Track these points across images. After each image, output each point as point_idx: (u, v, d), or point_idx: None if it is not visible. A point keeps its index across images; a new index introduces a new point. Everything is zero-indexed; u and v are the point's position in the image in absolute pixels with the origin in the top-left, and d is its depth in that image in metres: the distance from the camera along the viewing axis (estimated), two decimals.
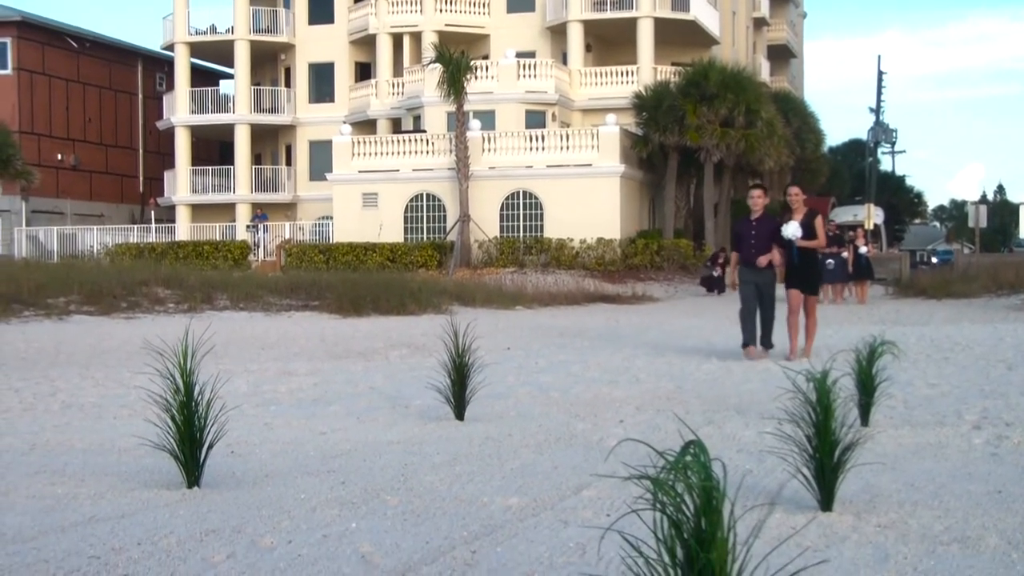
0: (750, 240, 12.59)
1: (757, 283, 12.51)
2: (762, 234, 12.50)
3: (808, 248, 12.50)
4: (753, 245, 12.52)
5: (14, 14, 49.17)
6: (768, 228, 12.53)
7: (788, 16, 68.78)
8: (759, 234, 12.52)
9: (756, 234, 12.55)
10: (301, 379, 11.06)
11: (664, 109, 38.61)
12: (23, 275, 21.39)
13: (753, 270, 12.51)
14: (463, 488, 5.59)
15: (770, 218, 12.80)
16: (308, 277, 25.20)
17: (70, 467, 6.30)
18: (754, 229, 12.61)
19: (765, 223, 12.61)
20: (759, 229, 12.57)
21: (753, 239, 12.54)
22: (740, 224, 13.02)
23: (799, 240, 12.32)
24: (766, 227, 12.56)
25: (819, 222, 12.59)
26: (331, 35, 48.95)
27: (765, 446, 6.27)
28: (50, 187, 47.92)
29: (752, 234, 12.59)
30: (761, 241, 12.47)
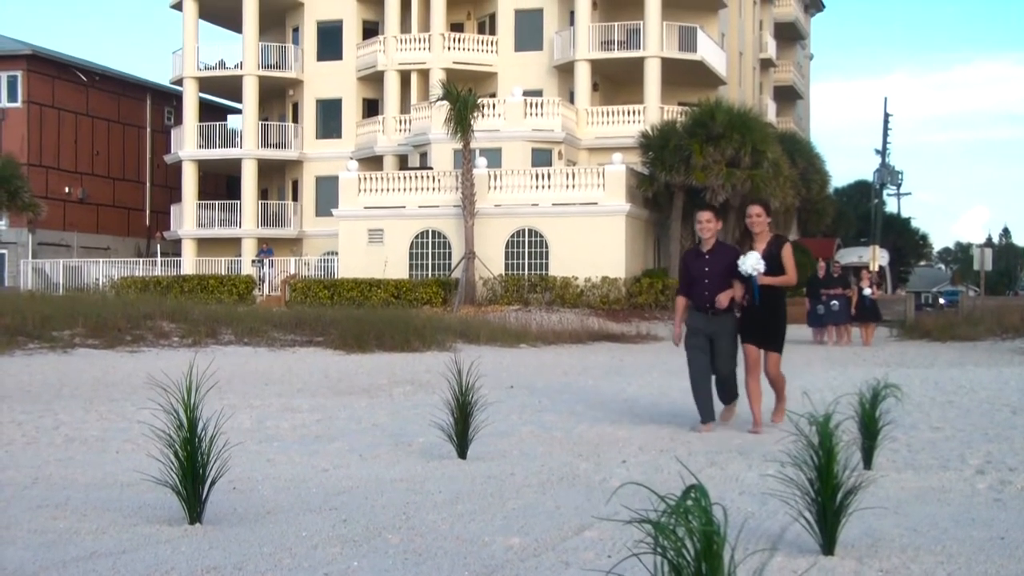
0: (702, 278, 9.93)
1: (711, 334, 9.89)
2: (717, 269, 9.85)
3: (772, 288, 9.74)
4: (707, 284, 9.87)
5: (24, 47, 49.57)
6: (724, 261, 9.84)
7: (795, 57, 69.14)
8: (713, 270, 9.87)
9: (709, 270, 9.89)
10: (304, 415, 11.06)
11: (670, 148, 38.74)
12: (28, 307, 21.42)
13: (707, 316, 9.88)
14: (465, 527, 5.58)
15: (726, 249, 10.06)
16: (312, 312, 25.22)
17: (72, 501, 6.30)
18: (707, 264, 9.94)
19: (720, 255, 9.91)
20: (713, 263, 9.90)
21: (706, 276, 9.89)
22: (688, 257, 10.24)
23: (761, 276, 9.56)
24: (721, 260, 9.87)
25: (787, 253, 9.77)
26: (339, 71, 49.26)
27: (767, 488, 6.26)
28: (57, 219, 48.13)
29: (705, 270, 9.92)
30: (716, 278, 9.82)
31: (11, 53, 49.27)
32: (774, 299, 9.83)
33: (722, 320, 9.91)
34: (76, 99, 51.05)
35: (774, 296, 9.82)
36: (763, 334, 9.89)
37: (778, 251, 9.75)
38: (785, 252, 9.78)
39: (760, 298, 9.69)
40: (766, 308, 9.79)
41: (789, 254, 9.81)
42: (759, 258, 9.58)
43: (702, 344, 9.96)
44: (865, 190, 77.89)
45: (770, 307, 9.82)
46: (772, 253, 9.72)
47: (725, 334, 9.94)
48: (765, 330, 9.88)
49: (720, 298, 9.79)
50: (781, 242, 9.89)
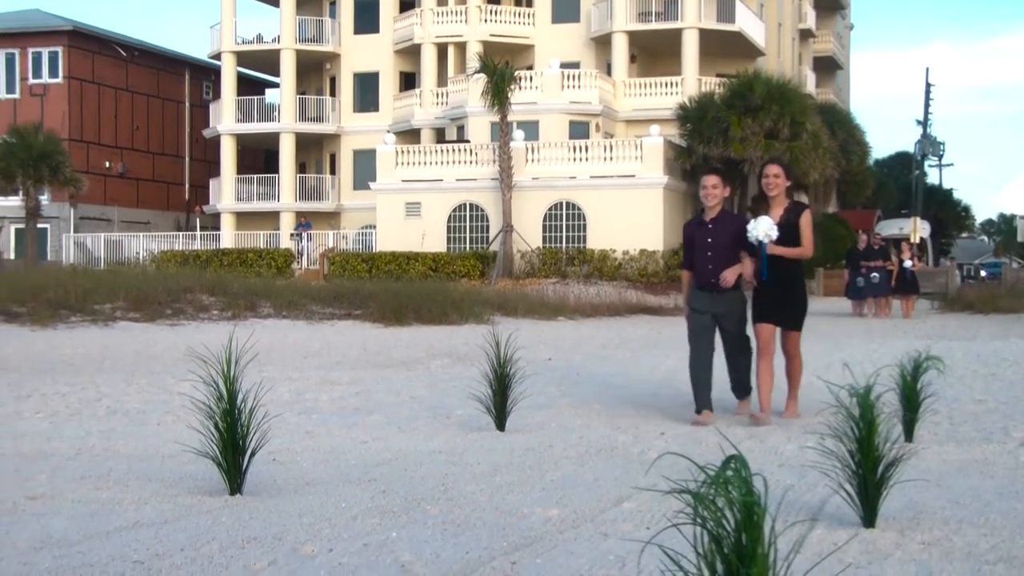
0: (705, 250, 8.77)
1: (717, 314, 8.79)
2: (722, 240, 8.70)
3: (787, 261, 8.61)
4: (710, 258, 8.72)
5: (65, 23, 49.86)
6: (731, 231, 8.69)
7: (835, 28, 68.38)
8: (718, 240, 8.71)
9: (713, 241, 8.73)
10: (343, 388, 11.11)
11: (708, 120, 38.49)
12: (70, 281, 21.63)
13: (711, 294, 8.74)
14: (503, 499, 5.59)
15: (733, 218, 9.00)
16: (351, 286, 25.31)
17: (115, 472, 6.37)
18: (710, 234, 8.76)
19: (726, 224, 8.77)
20: (718, 233, 8.73)
21: (710, 248, 8.74)
22: (690, 227, 9.08)
23: (772, 245, 8.43)
24: (728, 230, 8.72)
25: (806, 221, 8.63)
26: (376, 45, 49.22)
27: (807, 461, 6.22)
28: (98, 194, 48.49)
29: (708, 241, 8.75)
30: (721, 251, 8.68)
31: (52, 29, 49.58)
32: (788, 272, 8.66)
33: (728, 300, 8.78)
34: (116, 74, 51.32)
35: (788, 269, 8.65)
36: (780, 311, 8.70)
37: (796, 219, 8.59)
38: (804, 221, 8.61)
39: (769, 271, 8.51)
40: (779, 282, 8.58)
41: (808, 223, 8.63)
42: (772, 224, 8.41)
43: (706, 324, 8.81)
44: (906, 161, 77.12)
45: (784, 281, 8.62)
46: (789, 221, 8.57)
47: (732, 316, 8.84)
48: (782, 306, 8.69)
49: (725, 275, 8.61)
50: (800, 209, 8.72)
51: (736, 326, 8.92)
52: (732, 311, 8.86)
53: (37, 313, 18.71)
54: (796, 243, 8.57)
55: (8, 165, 40.15)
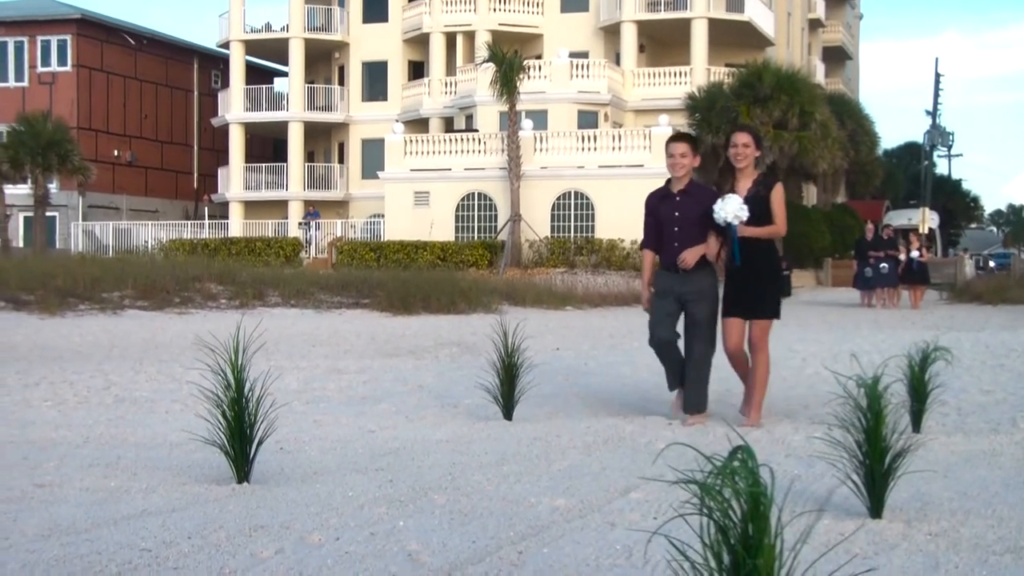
0: (671, 225, 7.95)
1: (681, 296, 7.92)
2: (689, 215, 7.87)
3: (758, 240, 7.73)
4: (676, 234, 7.91)
5: (74, 11, 49.91)
6: (699, 205, 7.81)
7: (844, 18, 68.22)
8: (685, 215, 7.89)
9: (681, 215, 7.91)
10: (351, 377, 11.12)
11: (717, 110, 38.43)
12: (79, 269, 21.67)
13: (676, 276, 7.92)
14: (510, 488, 5.60)
15: (702, 191, 8.04)
16: (359, 275, 25.33)
17: (123, 460, 6.38)
18: (677, 207, 7.93)
19: (694, 197, 7.90)
20: (685, 207, 7.90)
21: (676, 224, 7.93)
22: (655, 199, 8.12)
23: (742, 226, 7.60)
24: (696, 204, 7.85)
25: (777, 196, 7.77)
26: (385, 34, 49.18)
27: (814, 451, 6.22)
28: (106, 183, 48.57)
29: (675, 216, 7.93)
30: (688, 227, 7.87)
31: (61, 17, 49.62)
32: (761, 255, 7.78)
33: (697, 280, 7.88)
34: (125, 63, 51.36)
35: (761, 251, 7.77)
36: (749, 299, 7.80)
37: (766, 193, 7.74)
38: (775, 195, 7.77)
39: (743, 255, 7.68)
40: (751, 267, 7.74)
41: (780, 198, 7.80)
42: (741, 203, 7.54)
43: (669, 311, 7.95)
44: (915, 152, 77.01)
45: (756, 265, 7.75)
46: (758, 195, 7.71)
47: (701, 300, 7.88)
48: (752, 294, 7.79)
49: (686, 256, 7.79)
50: (770, 182, 7.90)
51: (704, 311, 7.88)
52: (702, 293, 7.89)
53: (46, 301, 18.75)
54: (767, 220, 7.72)
55: (17, 153, 40.22)
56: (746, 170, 7.86)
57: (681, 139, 8.08)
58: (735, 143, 7.88)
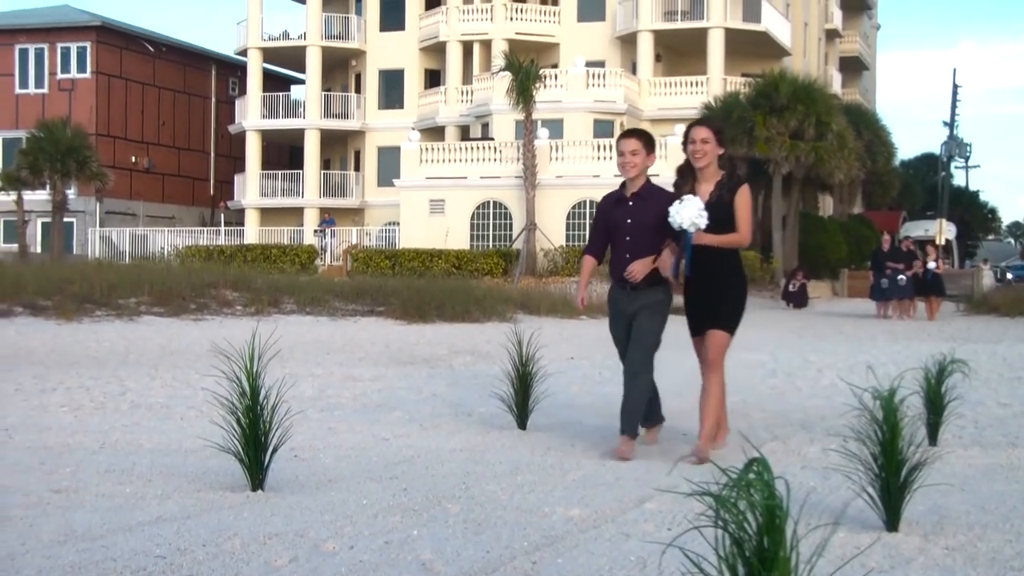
0: (623, 233, 7.05)
1: (633, 315, 7.04)
2: (644, 221, 6.95)
3: (718, 250, 6.86)
4: (628, 244, 7.01)
5: (94, 19, 50.19)
6: (654, 209, 6.89)
7: (861, 28, 68.10)
8: (639, 221, 6.98)
9: (634, 222, 7.00)
10: (365, 384, 11.12)
11: (733, 120, 38.37)
12: (96, 275, 21.72)
13: (625, 293, 7.06)
14: (524, 498, 5.59)
15: (659, 193, 7.06)
16: (374, 282, 25.34)
17: (138, 467, 6.40)
18: (630, 212, 7.04)
19: (651, 201, 6.98)
20: (639, 212, 7.00)
21: (628, 232, 7.02)
22: (606, 204, 7.27)
23: (699, 233, 6.69)
24: (650, 208, 6.95)
25: (742, 199, 6.88)
26: (402, 42, 49.29)
27: (830, 463, 6.20)
28: (124, 189, 48.77)
29: (627, 223, 7.03)
30: (642, 234, 6.96)
31: (81, 24, 49.90)
32: (720, 262, 6.93)
33: (647, 297, 6.98)
34: (143, 69, 51.59)
35: (720, 260, 6.92)
36: (704, 311, 7.00)
37: (730, 196, 6.87)
38: (740, 199, 6.88)
39: (698, 264, 6.82)
40: (710, 278, 6.93)
41: (746, 202, 6.89)
42: (700, 208, 6.64)
43: (623, 331, 7.18)
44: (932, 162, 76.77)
45: (715, 276, 6.95)
46: (721, 200, 6.85)
47: (647, 309, 7.00)
48: (707, 304, 6.99)
49: (632, 269, 6.89)
50: (735, 184, 6.97)
51: (647, 321, 7.00)
52: (646, 304, 7.01)
53: (62, 307, 18.80)
54: (730, 227, 6.84)
55: (36, 159, 40.43)
56: (707, 170, 6.97)
57: (632, 135, 7.17)
58: (693, 138, 7.01)
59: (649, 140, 7.18)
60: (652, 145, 7.16)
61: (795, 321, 25.57)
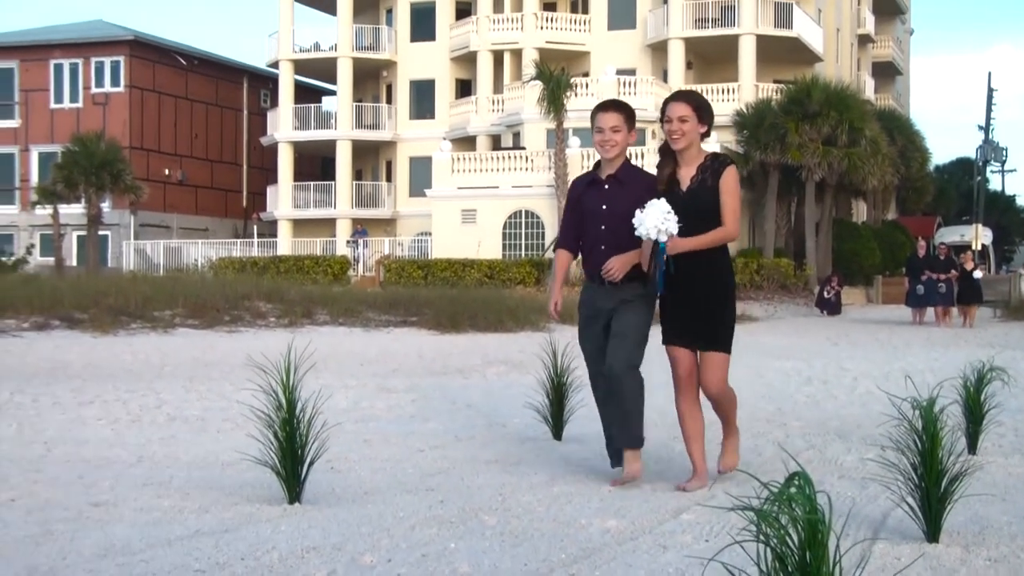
0: (597, 222, 6.27)
1: (612, 312, 6.25)
2: (619, 209, 6.13)
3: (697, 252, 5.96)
4: (603, 234, 6.24)
5: (127, 33, 50.60)
6: (636, 195, 6.01)
7: (894, 32, 67.73)
8: (615, 207, 6.17)
9: (609, 208, 6.21)
10: (400, 395, 11.15)
11: (765, 127, 38.26)
12: (131, 288, 21.89)
13: (602, 290, 6.28)
14: (561, 509, 5.58)
15: (638, 176, 6.29)
16: (407, 293, 25.41)
17: (175, 480, 6.43)
18: (606, 197, 6.25)
19: (631, 185, 6.19)
20: (614, 198, 6.21)
21: (603, 219, 6.24)
22: (579, 187, 6.49)
23: (673, 240, 5.82)
24: (628, 194, 6.11)
25: (729, 184, 5.98)
26: (432, 52, 49.39)
27: (868, 473, 6.15)
28: (157, 201, 49.08)
29: (602, 209, 6.25)
30: (617, 225, 6.12)
31: (114, 39, 50.32)
32: (707, 264, 6.01)
33: (628, 291, 6.19)
34: (176, 83, 51.95)
35: (707, 261, 6.01)
36: (694, 323, 6.09)
37: (714, 180, 5.99)
38: (726, 183, 5.97)
39: (678, 264, 5.91)
40: (692, 281, 6.00)
41: (732, 186, 5.98)
42: (667, 211, 5.74)
43: (595, 334, 6.35)
44: (967, 167, 76.26)
45: (700, 277, 6.01)
46: (704, 184, 6.00)
47: (627, 302, 6.19)
48: (699, 315, 6.07)
49: (611, 266, 6.10)
50: (720, 165, 6.05)
51: (631, 317, 6.17)
52: (625, 298, 6.20)
53: (98, 319, 18.95)
54: (714, 217, 5.97)
55: (71, 173, 40.78)
56: (688, 152, 6.08)
57: (612, 107, 6.32)
58: (669, 116, 6.10)
59: (630, 114, 6.36)
60: (633, 119, 6.36)
61: (830, 328, 25.42)
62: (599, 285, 6.27)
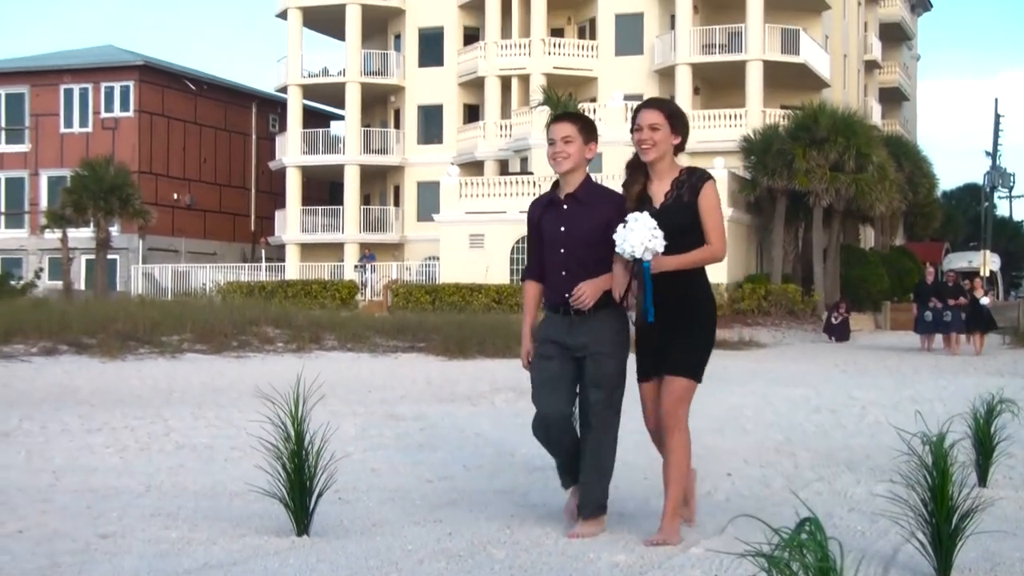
0: (556, 246, 5.66)
1: (575, 349, 5.63)
2: (582, 228, 5.60)
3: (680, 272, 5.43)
4: (563, 258, 5.64)
5: (137, 58, 50.87)
6: (596, 216, 5.57)
7: (901, 58, 67.89)
8: (576, 230, 5.61)
9: (568, 230, 5.62)
10: (407, 423, 11.13)
11: (773, 152, 38.31)
12: (139, 312, 21.94)
13: (566, 321, 5.65)
14: (570, 543, 5.55)
15: (600, 194, 5.73)
16: (414, 318, 25.42)
17: (183, 511, 6.42)
18: (565, 219, 5.65)
19: (592, 204, 5.64)
20: (573, 219, 5.64)
21: (563, 243, 5.64)
22: (537, 209, 5.84)
23: (658, 259, 5.31)
24: (591, 215, 5.61)
25: (709, 199, 5.46)
26: (440, 78, 49.58)
27: (877, 507, 6.13)
28: (166, 225, 49.20)
29: (561, 231, 5.64)
30: (579, 248, 5.60)
31: (124, 64, 50.58)
32: (685, 285, 5.48)
33: (597, 326, 5.59)
34: (185, 107, 52.17)
35: (685, 281, 5.48)
36: (660, 349, 5.51)
37: (692, 197, 5.45)
38: (706, 199, 5.45)
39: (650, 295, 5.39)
40: (668, 302, 5.45)
41: (713, 202, 5.48)
42: (653, 227, 5.24)
43: (558, 369, 5.65)
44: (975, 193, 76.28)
45: (675, 300, 5.47)
46: (680, 201, 5.46)
47: (603, 347, 5.59)
48: (663, 340, 5.49)
49: (582, 293, 5.50)
50: (698, 180, 5.50)
51: (606, 369, 5.60)
52: (603, 343, 5.59)
53: (107, 344, 18.98)
54: (692, 237, 5.43)
55: (80, 197, 40.90)
56: (660, 164, 5.54)
57: (566, 119, 5.77)
58: (639, 124, 5.56)
59: (587, 125, 5.76)
60: (592, 132, 5.79)
61: (838, 355, 25.37)
62: (563, 315, 5.63)
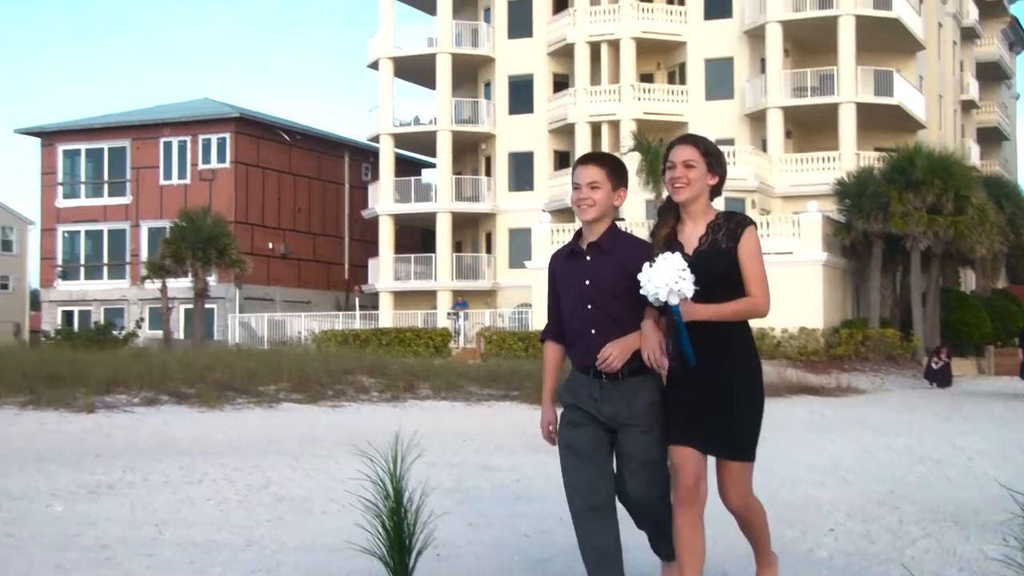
0: (582, 301, 5.10)
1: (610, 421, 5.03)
2: (606, 283, 5.05)
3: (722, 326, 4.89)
4: (589, 315, 5.06)
5: (233, 111, 52.03)
6: (619, 266, 5.02)
7: (999, 98, 66.77)
8: (599, 284, 5.06)
9: (593, 284, 5.07)
10: (503, 474, 11.10)
11: (868, 195, 37.74)
12: (236, 362, 22.26)
13: (594, 385, 5.04)
14: None
15: (627, 243, 5.17)
16: (507, 366, 25.41)
17: (284, 566, 6.46)
18: (588, 271, 5.11)
19: (613, 255, 5.08)
20: (598, 271, 5.08)
21: (589, 298, 5.08)
22: (557, 261, 5.35)
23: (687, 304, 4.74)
24: (616, 265, 5.05)
25: (750, 245, 4.92)
26: (531, 124, 49.87)
27: (989, 570, 5.94)
28: (261, 275, 50.00)
29: (585, 285, 5.10)
30: (606, 303, 5.04)
31: (221, 116, 51.78)
32: (724, 342, 4.92)
33: (628, 391, 5.00)
34: (279, 158, 53.15)
35: (724, 337, 4.91)
36: (708, 423, 4.91)
37: (731, 242, 4.94)
38: (746, 247, 4.93)
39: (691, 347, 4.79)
40: (707, 365, 4.86)
41: (755, 251, 4.94)
42: (681, 267, 4.72)
43: (587, 443, 5.06)
44: None
45: (716, 361, 4.89)
46: (717, 247, 4.95)
47: (637, 420, 4.98)
48: (711, 412, 4.90)
49: (610, 356, 4.91)
50: (737, 226, 4.98)
51: (647, 444, 4.99)
52: (637, 410, 4.99)
53: (205, 394, 19.27)
54: (731, 288, 4.91)
55: (179, 248, 41.75)
56: (694, 206, 5.08)
57: (592, 161, 5.19)
58: (673, 162, 5.11)
59: (617, 169, 5.19)
60: (622, 176, 5.20)
61: (940, 402, 24.79)
62: (592, 379, 5.04)
